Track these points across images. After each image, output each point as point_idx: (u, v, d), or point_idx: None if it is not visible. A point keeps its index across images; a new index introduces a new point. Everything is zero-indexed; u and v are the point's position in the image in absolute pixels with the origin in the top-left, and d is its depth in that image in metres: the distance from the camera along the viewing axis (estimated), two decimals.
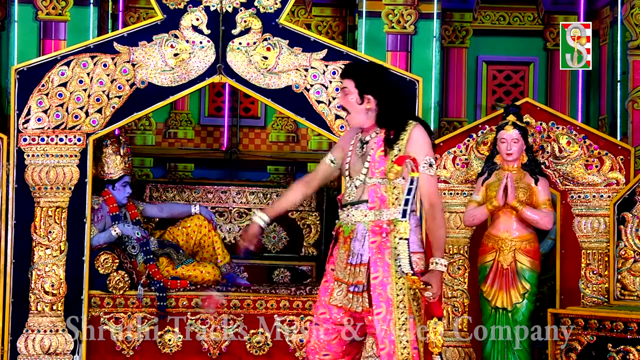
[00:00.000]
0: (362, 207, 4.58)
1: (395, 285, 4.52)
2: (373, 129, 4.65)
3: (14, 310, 6.38)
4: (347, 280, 4.59)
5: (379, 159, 4.57)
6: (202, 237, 6.98)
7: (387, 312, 4.51)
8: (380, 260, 4.54)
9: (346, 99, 4.64)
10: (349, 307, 4.58)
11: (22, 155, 6.40)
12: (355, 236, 4.58)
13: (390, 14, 7.96)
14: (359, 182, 4.60)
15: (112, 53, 6.45)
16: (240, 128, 8.86)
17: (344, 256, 4.61)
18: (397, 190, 4.56)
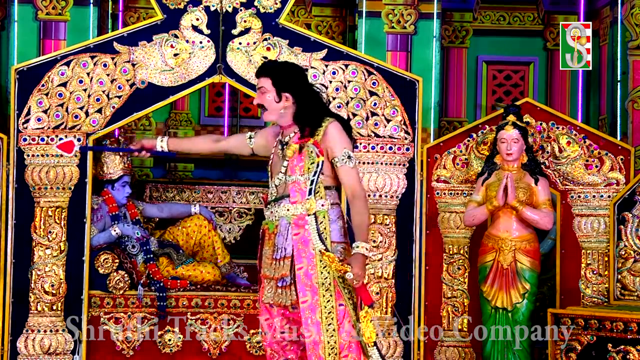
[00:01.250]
0: (284, 202, 4.69)
1: (320, 275, 4.61)
2: (291, 128, 4.75)
3: (14, 310, 6.37)
4: (274, 275, 4.68)
5: (296, 156, 4.68)
6: (202, 237, 6.98)
7: (313, 300, 4.60)
8: (304, 251, 4.64)
9: (263, 97, 4.72)
10: (279, 302, 4.67)
11: (22, 155, 6.40)
12: (278, 231, 4.69)
13: (390, 14, 7.96)
14: (280, 180, 4.71)
15: (112, 53, 6.45)
16: (240, 128, 8.87)
17: (269, 252, 4.72)
18: (321, 184, 4.68)
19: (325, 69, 6.54)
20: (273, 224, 4.72)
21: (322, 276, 4.60)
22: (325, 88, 6.53)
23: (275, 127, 4.89)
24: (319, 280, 4.60)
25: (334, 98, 6.54)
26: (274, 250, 4.69)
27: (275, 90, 4.70)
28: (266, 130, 4.96)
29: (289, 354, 4.77)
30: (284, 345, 4.75)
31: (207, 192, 7.85)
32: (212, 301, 6.58)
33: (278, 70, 4.74)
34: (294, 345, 4.75)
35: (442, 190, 6.63)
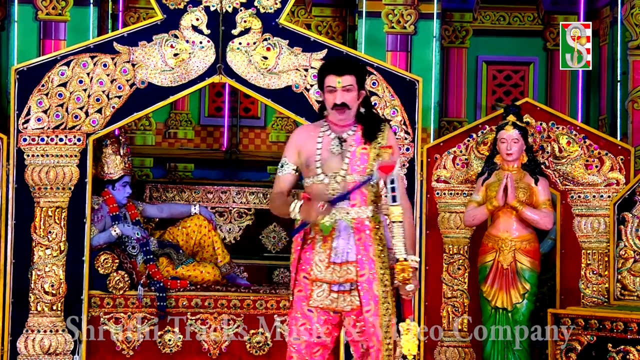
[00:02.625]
0: (343, 204, 4.51)
1: (380, 282, 4.52)
2: (349, 126, 4.60)
3: (14, 310, 6.38)
4: (332, 279, 4.52)
5: (359, 156, 4.54)
6: (202, 237, 6.99)
7: (375, 309, 4.51)
8: (366, 257, 4.52)
9: (348, 95, 4.54)
10: (333, 307, 4.53)
11: (22, 155, 6.40)
12: (338, 234, 4.52)
13: (390, 14, 7.96)
14: (340, 179, 4.53)
15: (112, 53, 6.45)
16: (240, 128, 8.87)
17: (324, 256, 4.53)
18: (374, 188, 4.57)
19: None
20: (328, 226, 4.50)
21: (381, 284, 4.50)
22: None
23: (304, 132, 4.69)
24: (379, 288, 4.50)
25: None
26: (333, 254, 4.51)
27: (357, 89, 4.55)
28: (293, 146, 4.66)
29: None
30: (315, 351, 4.58)
31: (207, 192, 7.85)
32: (212, 301, 6.58)
33: (360, 68, 4.58)
34: (324, 351, 4.60)
35: (442, 190, 6.63)
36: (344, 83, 4.52)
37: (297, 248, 4.61)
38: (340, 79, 4.52)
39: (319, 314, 4.55)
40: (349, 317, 4.56)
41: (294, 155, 4.63)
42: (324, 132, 4.60)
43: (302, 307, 4.57)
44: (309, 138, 4.61)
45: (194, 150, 8.82)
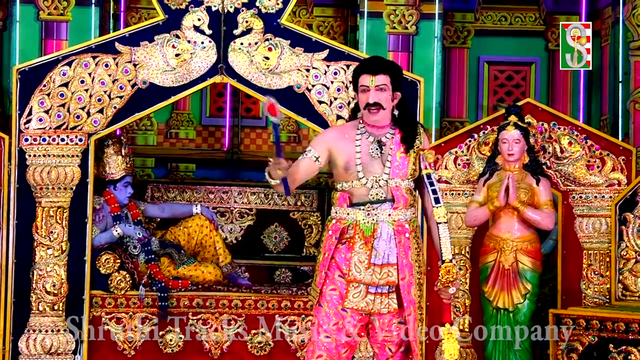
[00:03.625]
0: (384, 206, 4.50)
1: (416, 287, 4.52)
2: (386, 128, 4.56)
3: (16, 310, 6.39)
4: (371, 281, 4.49)
5: (400, 160, 4.52)
6: (203, 237, 6.99)
7: (414, 313, 4.51)
8: (406, 260, 4.51)
9: (382, 94, 4.49)
10: (369, 309, 4.50)
11: (23, 155, 6.40)
12: (379, 236, 4.49)
13: (392, 15, 7.96)
14: (383, 182, 4.50)
15: (113, 53, 6.45)
16: (241, 128, 8.87)
17: (364, 257, 4.50)
18: (413, 192, 4.57)
19: (327, 70, 6.54)
20: (370, 228, 4.48)
21: (417, 289, 4.50)
22: (327, 88, 6.54)
23: (337, 131, 4.67)
24: (416, 293, 4.50)
25: (335, 98, 6.54)
26: (373, 255, 4.48)
27: (392, 89, 4.51)
28: (324, 142, 4.58)
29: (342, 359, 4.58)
30: (344, 351, 4.53)
31: (209, 192, 7.86)
32: (214, 301, 6.59)
33: (395, 68, 4.54)
34: (351, 351, 4.57)
35: (443, 190, 6.62)
36: (378, 82, 4.48)
37: (330, 247, 4.55)
38: (374, 78, 4.48)
39: (353, 315, 4.52)
40: (382, 320, 4.54)
41: (322, 148, 4.55)
42: (361, 134, 4.56)
43: (335, 306, 4.52)
44: (343, 140, 4.56)
45: (195, 150, 8.83)
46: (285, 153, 4.46)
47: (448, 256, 4.43)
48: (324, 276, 4.54)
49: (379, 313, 4.51)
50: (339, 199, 4.55)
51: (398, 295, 4.50)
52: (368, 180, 4.51)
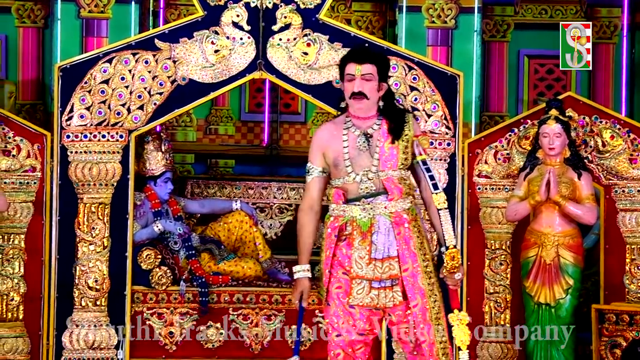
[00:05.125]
0: (380, 199, 4.48)
1: (425, 275, 4.48)
2: (372, 120, 4.55)
3: (59, 305, 6.43)
4: (374, 276, 4.47)
5: (388, 151, 4.50)
6: (243, 233, 7.01)
7: (422, 303, 4.47)
8: (407, 250, 4.48)
9: (367, 84, 4.48)
10: (375, 304, 4.48)
11: (65, 152, 6.45)
12: (377, 230, 4.48)
13: (431, 9, 7.94)
14: (372, 175, 4.48)
15: (153, 50, 6.49)
16: (280, 124, 8.89)
17: (364, 252, 4.48)
18: (407, 180, 4.55)
19: None
20: (367, 223, 4.48)
21: (426, 276, 4.47)
22: None
23: (325, 130, 4.63)
24: (424, 281, 4.47)
25: None
26: (373, 250, 4.47)
27: (378, 79, 4.50)
28: (317, 148, 4.60)
29: (360, 357, 4.56)
30: (358, 348, 4.54)
31: (248, 188, 7.88)
32: (254, 297, 6.61)
33: (382, 59, 4.53)
34: (366, 347, 4.57)
35: (483, 185, 6.59)
36: (364, 71, 4.48)
37: (330, 245, 4.55)
38: (360, 67, 4.48)
39: (361, 311, 4.52)
40: (395, 313, 4.52)
41: (319, 158, 4.57)
42: (348, 128, 4.55)
43: (342, 304, 4.52)
44: (332, 137, 4.55)
45: (234, 146, 8.86)
46: None
47: (451, 242, 4.42)
48: (329, 275, 4.54)
49: (386, 307, 4.50)
50: (334, 195, 4.54)
51: (403, 288, 4.48)
52: (358, 175, 4.49)
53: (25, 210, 6.44)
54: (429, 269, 4.50)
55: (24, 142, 6.45)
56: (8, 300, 6.41)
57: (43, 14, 8.39)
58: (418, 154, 4.51)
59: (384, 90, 4.55)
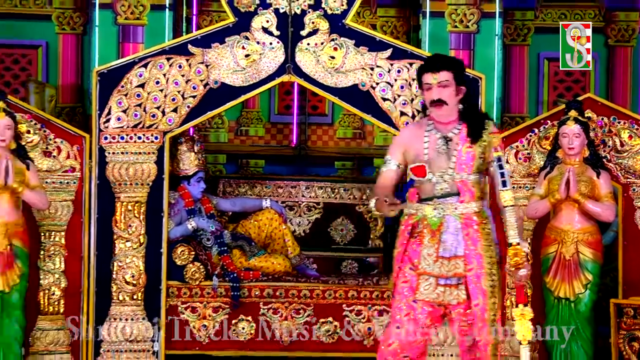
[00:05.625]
0: (451, 200, 4.52)
1: (488, 277, 4.50)
2: (453, 124, 4.58)
3: (98, 299, 6.46)
4: (440, 273, 4.50)
5: (466, 154, 4.53)
6: (273, 230, 7.01)
7: (483, 303, 4.49)
8: (474, 251, 4.51)
9: (445, 91, 4.51)
10: (439, 301, 4.51)
11: (103, 153, 6.49)
12: (446, 229, 4.51)
13: (453, 14, 7.91)
14: (447, 177, 4.52)
15: (186, 55, 6.51)
16: (308, 125, 8.89)
17: (432, 250, 4.51)
18: (481, 185, 4.57)
19: (391, 68, 6.52)
20: (436, 222, 4.52)
21: (489, 279, 4.50)
22: (391, 86, 6.52)
23: (409, 131, 4.70)
24: (487, 283, 4.49)
25: (398, 96, 6.52)
26: (441, 248, 4.50)
27: (455, 84, 4.53)
28: (398, 145, 4.66)
29: (414, 351, 4.57)
30: (414, 341, 4.56)
31: (278, 187, 7.88)
32: (283, 291, 6.61)
33: (457, 64, 4.56)
34: (424, 342, 4.58)
35: None
36: (440, 79, 4.51)
37: (403, 241, 4.59)
38: (436, 75, 4.51)
39: (423, 306, 4.54)
40: (456, 311, 4.54)
41: (398, 153, 4.62)
42: (429, 131, 4.59)
43: (406, 298, 4.55)
44: (414, 137, 4.59)
45: (264, 146, 8.87)
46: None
47: (515, 239, 4.42)
48: (398, 270, 4.58)
49: (450, 304, 4.51)
50: (409, 195, 4.59)
51: (467, 287, 4.50)
52: (434, 176, 4.52)
53: (65, 209, 6.48)
54: (492, 271, 4.53)
55: (64, 143, 6.49)
56: (49, 294, 6.45)
57: (82, 21, 8.43)
58: (494, 150, 4.53)
59: (463, 93, 4.58)
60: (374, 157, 8.67)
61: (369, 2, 8.68)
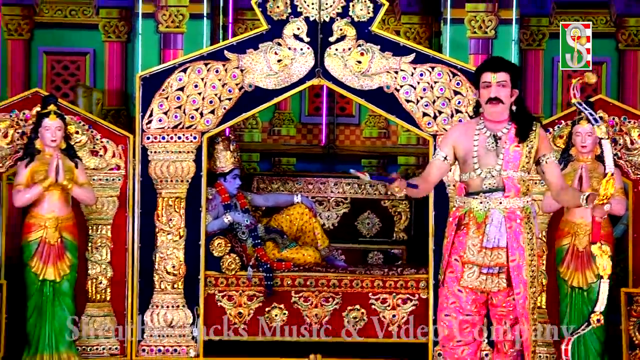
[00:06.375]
0: (496, 195, 4.53)
1: (529, 268, 4.52)
2: (503, 123, 4.59)
3: (141, 288, 6.50)
4: (483, 263, 4.53)
5: (513, 153, 4.53)
6: (303, 224, 7.02)
7: (524, 292, 4.51)
8: (516, 244, 4.52)
9: (502, 90, 4.52)
10: (482, 288, 4.54)
11: (146, 152, 6.52)
12: (490, 222, 4.53)
13: (473, 20, 7.88)
14: (495, 173, 4.53)
15: (223, 60, 6.53)
16: (336, 125, 8.88)
17: (477, 240, 4.55)
18: (526, 182, 4.58)
19: (414, 71, 6.51)
20: (482, 214, 4.54)
21: (530, 269, 4.52)
22: (414, 88, 6.51)
23: (461, 127, 4.71)
24: (528, 274, 4.52)
25: (421, 97, 6.51)
26: (485, 239, 4.53)
27: (511, 86, 4.55)
28: (449, 139, 4.66)
29: (466, 336, 4.61)
30: (464, 327, 4.60)
31: (308, 183, 7.90)
32: (313, 281, 6.62)
33: (514, 67, 4.59)
34: (473, 327, 4.61)
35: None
36: (499, 79, 4.52)
37: (451, 232, 4.63)
38: (495, 75, 4.52)
39: (468, 294, 4.57)
40: (497, 297, 4.57)
41: (447, 147, 4.63)
42: (480, 129, 4.60)
43: (452, 287, 4.59)
44: (465, 135, 4.61)
45: (295, 145, 8.87)
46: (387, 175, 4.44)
47: (611, 169, 4.34)
48: (447, 259, 4.62)
49: (491, 291, 4.55)
50: (458, 189, 4.64)
51: (508, 276, 4.52)
52: (482, 172, 4.54)
53: (111, 204, 6.53)
54: (533, 262, 4.55)
55: (109, 143, 6.53)
56: (97, 283, 6.50)
57: (126, 29, 8.48)
58: (575, 98, 4.54)
59: (516, 95, 4.59)
60: (398, 155, 8.67)
61: (394, 10, 8.67)
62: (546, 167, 4.59)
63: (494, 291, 4.54)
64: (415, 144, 8.65)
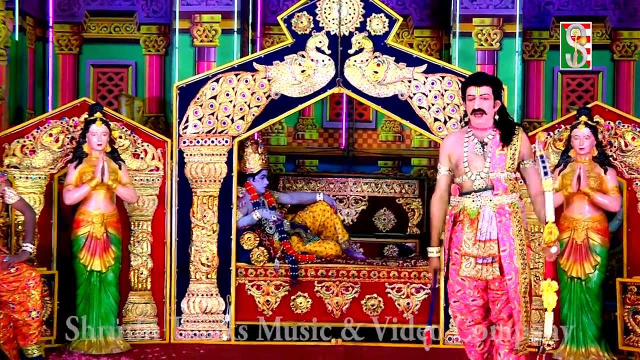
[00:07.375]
0: (486, 193, 4.62)
1: (520, 256, 4.58)
2: (488, 130, 4.67)
3: (178, 278, 6.52)
4: (478, 254, 4.61)
5: (498, 156, 4.61)
6: (325, 220, 7.03)
7: (515, 278, 4.57)
8: (506, 235, 4.59)
9: (485, 102, 4.62)
10: (478, 277, 4.62)
11: (182, 154, 6.55)
12: (482, 217, 4.60)
13: (480, 34, 7.86)
14: (484, 175, 4.62)
15: (252, 71, 6.55)
16: (355, 130, 8.89)
17: (471, 235, 4.63)
18: (512, 181, 4.65)
19: (426, 80, 6.51)
20: (475, 211, 4.62)
21: (520, 257, 4.58)
22: (426, 96, 6.50)
23: (451, 138, 4.77)
24: (519, 261, 4.58)
25: (432, 104, 6.50)
26: (478, 233, 4.61)
27: (493, 98, 4.63)
28: (445, 153, 4.76)
29: (475, 316, 4.72)
30: (472, 310, 4.71)
31: (329, 182, 7.90)
32: (335, 271, 6.63)
33: (495, 81, 4.68)
34: (480, 309, 4.71)
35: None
36: (482, 92, 4.62)
37: (448, 229, 4.72)
38: (479, 88, 4.63)
39: (469, 282, 4.67)
40: (493, 284, 4.65)
41: (446, 160, 4.75)
42: (468, 137, 4.70)
43: (455, 277, 4.70)
44: (456, 143, 4.72)
45: (318, 148, 8.89)
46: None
47: (551, 218, 4.46)
48: (448, 252, 4.73)
49: (487, 279, 4.62)
50: (453, 190, 4.71)
51: (501, 264, 4.59)
52: (473, 174, 4.63)
53: (151, 202, 6.56)
54: (523, 251, 4.61)
55: (149, 147, 6.57)
56: (138, 273, 6.54)
57: (164, 44, 8.53)
58: (539, 150, 4.56)
59: (498, 106, 4.68)
60: (411, 157, 8.66)
61: (407, 24, 8.66)
62: (525, 173, 4.70)
63: (490, 279, 4.62)
64: (427, 146, 8.65)
